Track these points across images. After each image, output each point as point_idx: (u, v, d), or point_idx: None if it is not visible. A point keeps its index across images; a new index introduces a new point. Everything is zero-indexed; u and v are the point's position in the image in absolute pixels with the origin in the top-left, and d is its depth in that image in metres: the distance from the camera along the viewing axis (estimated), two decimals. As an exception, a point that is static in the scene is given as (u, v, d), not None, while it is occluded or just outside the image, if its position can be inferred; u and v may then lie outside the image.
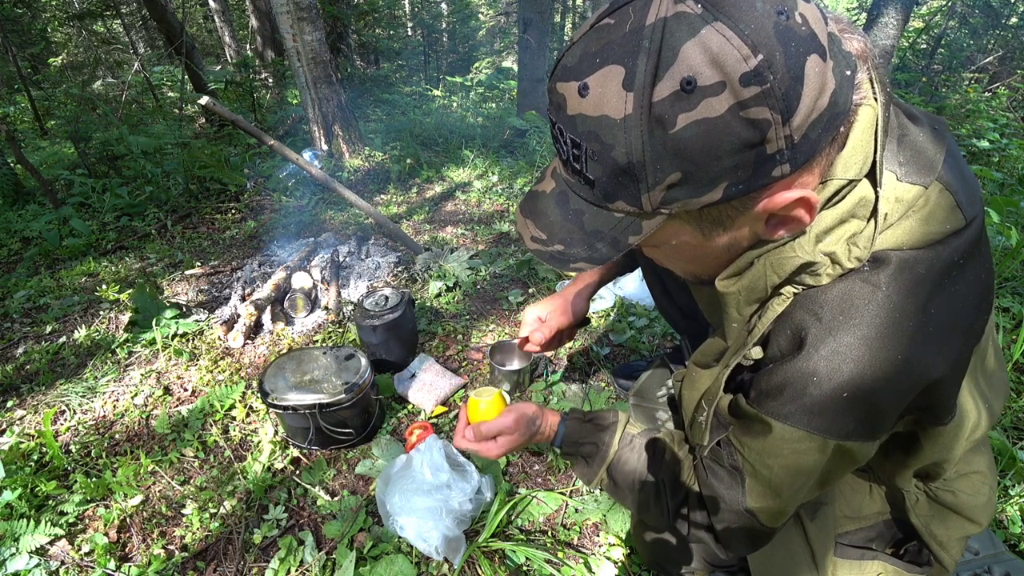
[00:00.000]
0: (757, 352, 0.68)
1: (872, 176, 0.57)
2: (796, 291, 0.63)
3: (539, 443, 0.98)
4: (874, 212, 0.58)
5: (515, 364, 1.71)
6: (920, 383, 0.60)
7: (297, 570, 1.18)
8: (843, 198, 0.58)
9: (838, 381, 0.59)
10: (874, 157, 0.57)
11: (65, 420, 1.63)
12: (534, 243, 0.63)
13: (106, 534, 1.26)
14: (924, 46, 7.55)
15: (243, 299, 2.16)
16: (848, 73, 0.51)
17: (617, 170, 0.51)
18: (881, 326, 0.57)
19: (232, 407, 1.62)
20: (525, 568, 1.18)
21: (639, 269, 1.29)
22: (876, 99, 0.57)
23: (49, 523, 1.27)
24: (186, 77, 5.33)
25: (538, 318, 1.24)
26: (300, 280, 2.18)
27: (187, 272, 2.46)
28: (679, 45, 0.46)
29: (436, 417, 1.58)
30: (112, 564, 1.20)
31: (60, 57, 8.94)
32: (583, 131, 0.51)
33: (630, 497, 0.88)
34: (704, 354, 0.80)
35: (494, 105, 5.96)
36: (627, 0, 0.49)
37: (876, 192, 0.57)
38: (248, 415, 1.60)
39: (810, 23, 0.48)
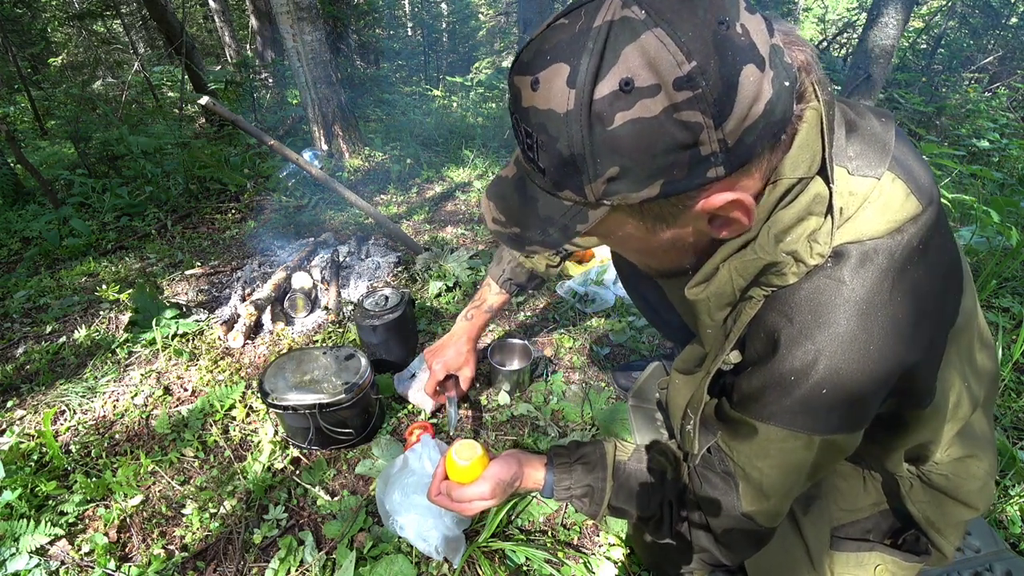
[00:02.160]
0: (735, 356, 0.70)
1: (824, 173, 0.59)
2: (765, 293, 0.64)
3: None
4: (830, 208, 0.59)
5: (515, 364, 1.71)
6: (896, 371, 0.62)
7: (297, 570, 1.18)
8: (796, 197, 0.59)
9: (815, 380, 0.60)
10: (823, 154, 0.58)
11: (65, 420, 1.63)
12: (494, 224, 0.66)
13: (106, 534, 1.26)
14: (924, 46, 7.55)
15: (243, 299, 2.16)
16: (787, 84, 0.53)
17: (562, 161, 0.54)
18: (850, 321, 0.59)
19: (232, 407, 1.62)
20: (525, 568, 1.18)
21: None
22: (819, 99, 0.58)
23: (49, 523, 1.27)
24: (186, 77, 5.33)
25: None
26: (300, 280, 2.18)
27: (187, 272, 2.46)
28: (621, 48, 0.48)
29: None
30: (112, 564, 1.20)
31: (60, 57, 8.94)
32: (534, 123, 0.54)
33: (632, 517, 0.89)
34: (685, 360, 0.83)
35: (494, 105, 5.95)
36: (582, 3, 0.52)
37: (830, 188, 0.59)
38: (248, 415, 1.60)
39: (751, 34, 0.49)
